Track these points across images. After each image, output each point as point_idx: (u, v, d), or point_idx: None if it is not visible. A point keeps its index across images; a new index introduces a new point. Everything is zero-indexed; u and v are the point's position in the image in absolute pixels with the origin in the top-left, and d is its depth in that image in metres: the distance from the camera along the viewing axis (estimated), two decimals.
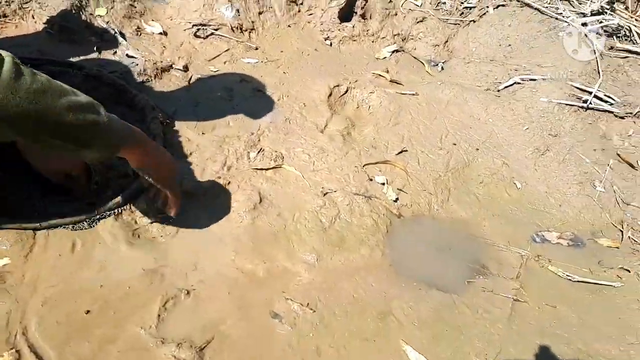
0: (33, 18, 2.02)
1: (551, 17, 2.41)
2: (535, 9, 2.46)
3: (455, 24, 2.65)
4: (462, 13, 2.66)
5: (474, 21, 2.59)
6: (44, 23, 2.01)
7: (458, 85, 2.30)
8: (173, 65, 2.07)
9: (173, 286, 1.32)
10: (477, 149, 1.99)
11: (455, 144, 1.99)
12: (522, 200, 1.85)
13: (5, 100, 0.92)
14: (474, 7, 2.64)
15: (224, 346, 1.22)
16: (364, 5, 2.68)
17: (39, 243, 1.32)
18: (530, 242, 1.71)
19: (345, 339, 1.30)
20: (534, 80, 2.26)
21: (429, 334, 1.35)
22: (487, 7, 2.59)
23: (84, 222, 1.39)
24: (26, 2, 2.06)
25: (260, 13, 2.45)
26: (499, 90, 2.30)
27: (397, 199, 1.72)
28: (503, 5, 2.60)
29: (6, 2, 2.03)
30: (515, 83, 2.29)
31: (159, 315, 1.24)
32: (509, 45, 2.46)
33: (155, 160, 1.30)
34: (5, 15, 2.02)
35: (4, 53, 0.97)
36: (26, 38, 1.96)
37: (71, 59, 1.90)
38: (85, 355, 1.13)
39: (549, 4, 2.50)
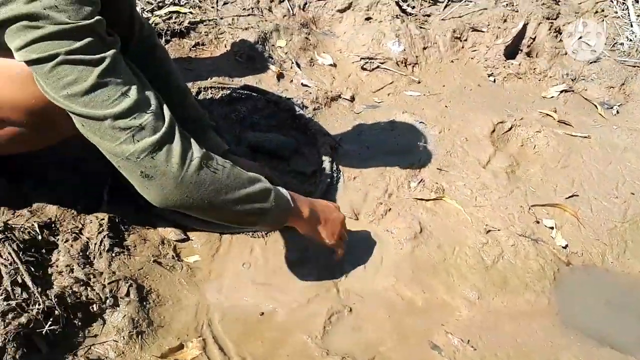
0: (225, 47, 2.29)
1: None
2: None
3: (634, 66, 2.46)
4: None
5: None
6: (234, 52, 2.26)
7: (637, 131, 2.12)
8: (341, 95, 2.20)
9: (337, 302, 1.38)
10: None
11: (633, 194, 1.83)
12: None
13: (180, 200, 1.01)
14: None
15: None
16: (531, 43, 2.60)
17: (223, 245, 1.48)
18: None
19: None
20: None
21: None
22: None
23: (262, 231, 1.52)
24: (221, 34, 2.34)
25: (424, 48, 2.51)
26: None
27: (566, 245, 1.62)
28: None
29: (205, 32, 2.34)
30: None
31: (324, 327, 1.30)
32: None
33: (316, 229, 1.30)
34: (203, 44, 2.32)
35: (196, 151, 1.01)
36: (219, 63, 2.22)
37: (254, 85, 2.11)
38: (258, 354, 1.23)
39: None
